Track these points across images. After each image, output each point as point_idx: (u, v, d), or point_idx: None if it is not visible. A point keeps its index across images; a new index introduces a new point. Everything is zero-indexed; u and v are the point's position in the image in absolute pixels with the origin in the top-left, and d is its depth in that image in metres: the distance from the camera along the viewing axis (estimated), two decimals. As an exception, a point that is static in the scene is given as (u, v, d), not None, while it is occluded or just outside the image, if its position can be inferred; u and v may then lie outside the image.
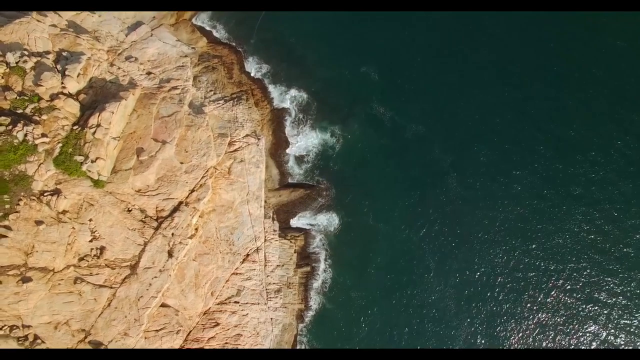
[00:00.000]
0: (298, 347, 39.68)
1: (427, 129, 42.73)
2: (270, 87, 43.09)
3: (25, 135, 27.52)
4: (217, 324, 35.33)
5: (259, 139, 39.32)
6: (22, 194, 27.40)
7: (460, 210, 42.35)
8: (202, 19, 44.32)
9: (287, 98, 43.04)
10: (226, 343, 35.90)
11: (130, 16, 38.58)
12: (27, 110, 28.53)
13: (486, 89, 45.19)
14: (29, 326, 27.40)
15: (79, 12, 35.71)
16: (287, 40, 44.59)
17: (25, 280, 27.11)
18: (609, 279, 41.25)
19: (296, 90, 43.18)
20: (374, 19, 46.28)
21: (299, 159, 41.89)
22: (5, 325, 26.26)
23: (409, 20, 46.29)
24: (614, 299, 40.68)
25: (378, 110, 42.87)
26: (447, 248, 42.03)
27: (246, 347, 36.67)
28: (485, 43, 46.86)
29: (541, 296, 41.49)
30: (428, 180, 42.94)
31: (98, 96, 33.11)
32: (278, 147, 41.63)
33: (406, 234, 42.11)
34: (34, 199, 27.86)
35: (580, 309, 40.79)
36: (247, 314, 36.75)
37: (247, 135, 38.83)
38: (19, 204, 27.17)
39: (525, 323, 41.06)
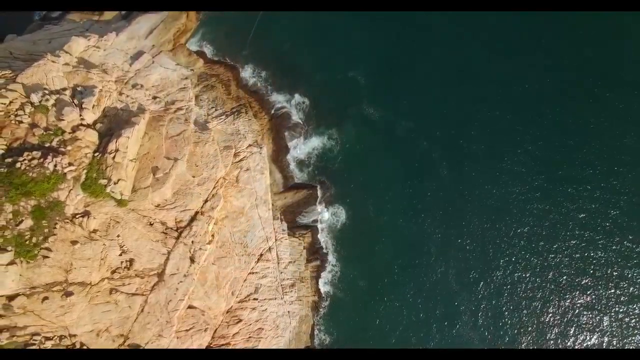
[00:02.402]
0: (316, 336, 42.92)
1: (415, 124, 46.06)
2: (266, 98, 46.20)
3: (55, 165, 30.71)
4: (240, 320, 38.59)
5: (261, 148, 42.55)
6: (57, 218, 30.57)
7: (453, 196, 45.65)
8: (195, 41, 47.46)
9: (283, 107, 46.21)
10: (250, 337, 39.15)
11: (131, 47, 41.85)
12: (54, 143, 31.71)
13: (469, 84, 48.31)
14: (74, 335, 30.58)
15: (86, 48, 38.97)
16: (277, 51, 47.44)
17: (68, 294, 30.29)
18: (602, 253, 44.73)
19: (291, 99, 46.35)
20: (357, 21, 49.14)
21: (300, 163, 45.15)
22: (55, 335, 29.46)
23: (390, 22, 49.38)
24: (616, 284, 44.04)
25: (369, 111, 46.17)
26: (445, 233, 45.30)
27: (268, 339, 39.89)
28: (469, 41, 49.78)
29: (537, 272, 44.97)
30: (421, 172, 46.17)
31: (112, 123, 36.34)
32: (279, 153, 44.87)
33: (406, 223, 45.34)
34: (67, 222, 31.07)
35: (577, 288, 44.04)
36: (266, 309, 39.98)
37: (249, 145, 42.07)
38: (55, 227, 30.32)
39: (525, 300, 44.48)
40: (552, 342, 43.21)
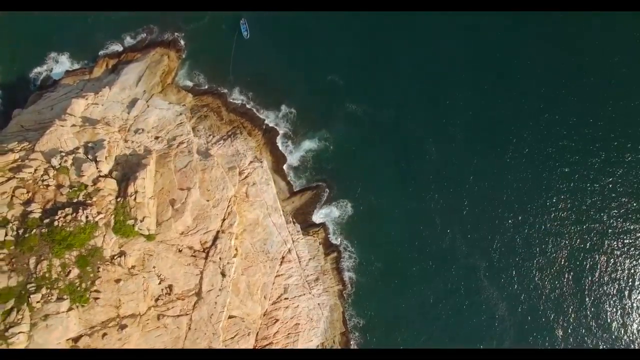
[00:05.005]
0: (348, 321, 46.41)
1: (396, 112, 49.74)
2: (256, 116, 49.46)
3: (87, 217, 34.27)
4: (277, 320, 42.25)
5: (261, 162, 46.08)
6: (99, 262, 34.17)
7: (444, 169, 49.36)
8: (182, 78, 50.36)
9: (272, 121, 49.65)
10: (289, 334, 42.80)
11: (125, 97, 45.40)
12: (80, 198, 35.31)
13: (438, 67, 51.82)
14: (136, 362, 34.18)
15: (86, 106, 42.54)
16: (258, 70, 50.42)
17: (122, 327, 33.88)
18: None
19: (278, 112, 49.67)
20: (326, 27, 52.18)
21: (299, 168, 48.70)
22: (119, 364, 33.03)
23: (357, 23, 52.36)
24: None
25: (352, 107, 49.70)
26: (444, 203, 48.96)
27: (305, 332, 43.50)
28: (435, 33, 52.76)
29: (534, 223, 48.83)
30: (411, 152, 49.74)
31: (125, 169, 39.90)
32: (279, 163, 48.41)
33: (407, 201, 48.93)
34: (108, 264, 34.66)
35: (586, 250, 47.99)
36: (297, 305, 43.62)
37: (251, 161, 45.62)
38: (99, 271, 33.91)
39: (530, 249, 48.39)
40: (561, 290, 47.38)
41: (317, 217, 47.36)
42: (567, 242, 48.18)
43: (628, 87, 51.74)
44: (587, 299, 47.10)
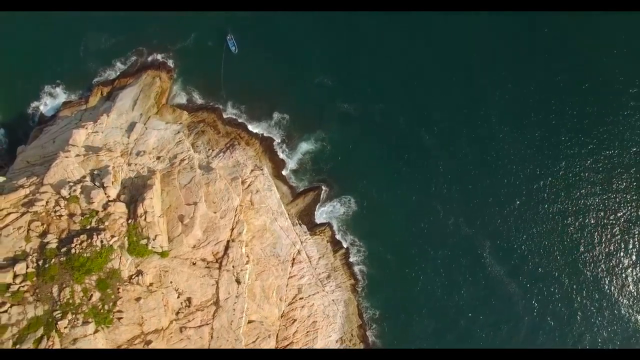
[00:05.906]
0: (364, 313, 47.74)
1: (387, 106, 51.01)
2: (251, 126, 50.80)
3: (101, 241, 35.49)
4: (295, 320, 43.54)
5: (262, 169, 47.34)
6: (118, 283, 35.42)
7: (441, 156, 50.80)
8: (175, 97, 51.62)
9: (268, 128, 50.98)
10: (308, 332, 44.12)
11: (123, 122, 46.67)
12: (93, 224, 36.53)
13: (421, 60, 53.19)
14: (165, 374, 35.45)
15: (87, 136, 43.80)
16: (249, 82, 51.46)
17: (148, 343, 35.14)
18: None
19: (273, 119, 51.03)
20: (308, 32, 53.48)
21: (299, 171, 50.07)
22: (149, 379, 34.30)
23: (334, 24, 53.60)
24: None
25: (343, 107, 51.02)
26: (443, 189, 50.35)
27: (323, 329, 44.81)
28: (409, 30, 54.16)
29: (528, 198, 50.24)
30: (407, 144, 51.11)
31: (132, 191, 41.16)
32: (279, 169, 49.79)
33: (408, 192, 50.33)
34: (127, 284, 35.92)
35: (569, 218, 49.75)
36: (313, 304, 44.92)
37: (252, 170, 46.88)
38: (119, 292, 35.19)
39: (530, 222, 49.80)
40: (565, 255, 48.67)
41: (322, 216, 48.74)
42: (571, 219, 49.60)
43: (617, 73, 53.25)
44: (599, 272, 48.59)
